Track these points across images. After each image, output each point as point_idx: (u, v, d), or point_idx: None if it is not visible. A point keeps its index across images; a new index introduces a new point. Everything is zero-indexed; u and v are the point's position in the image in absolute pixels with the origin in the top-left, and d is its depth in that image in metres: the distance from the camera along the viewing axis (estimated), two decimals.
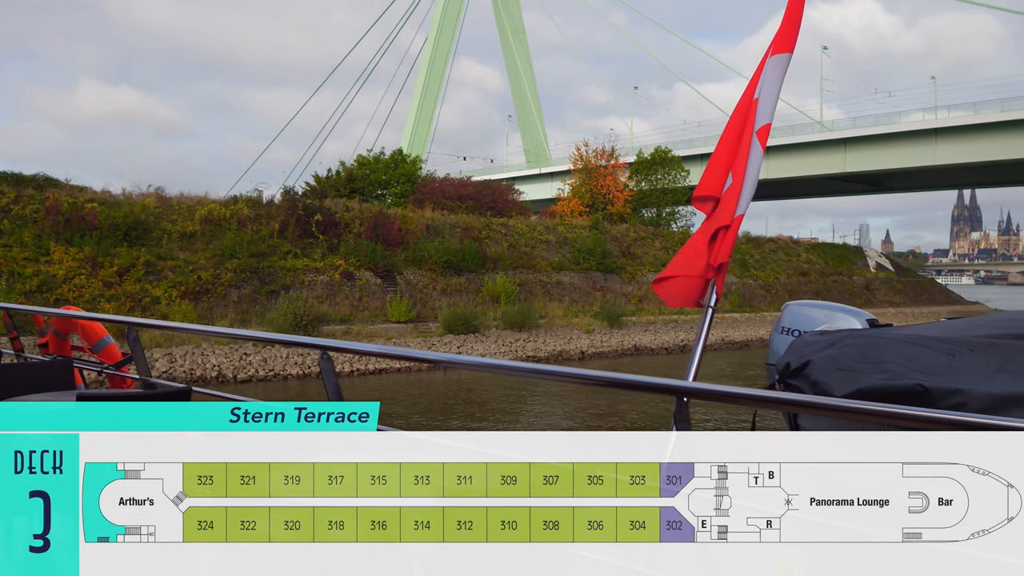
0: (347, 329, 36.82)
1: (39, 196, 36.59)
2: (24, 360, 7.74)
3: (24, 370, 5.32)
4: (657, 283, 4.31)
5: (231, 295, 36.48)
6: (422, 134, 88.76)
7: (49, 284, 33.40)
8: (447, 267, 42.78)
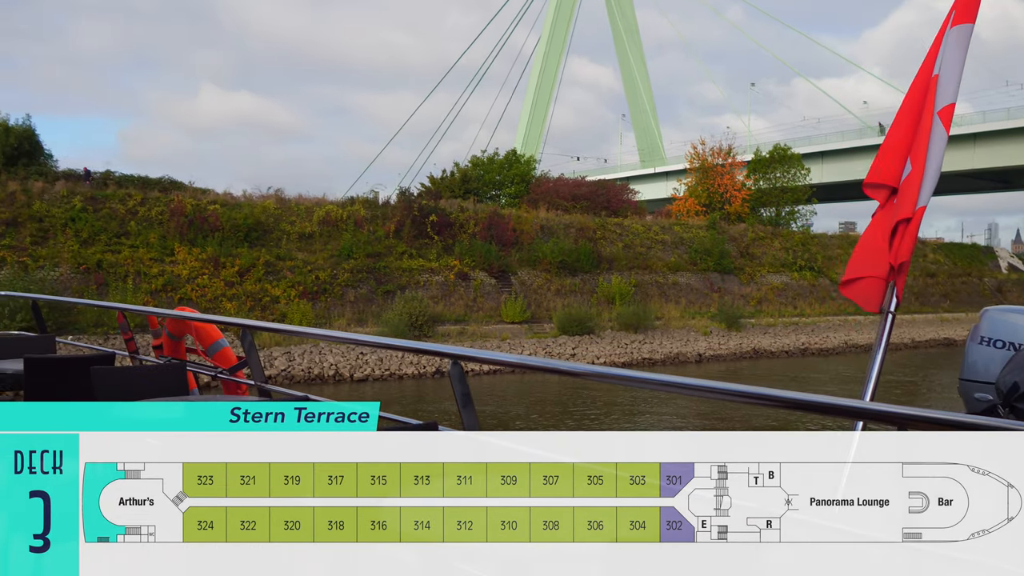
0: (462, 329, 36.79)
1: (164, 198, 37.56)
2: (139, 363, 7.60)
3: (137, 374, 5.13)
4: (844, 286, 3.83)
5: (348, 295, 36.82)
6: (535, 134, 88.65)
7: (173, 284, 34.21)
8: (562, 267, 42.43)
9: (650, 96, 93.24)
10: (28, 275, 32.25)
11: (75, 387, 5.58)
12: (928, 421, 2.65)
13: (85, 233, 34.86)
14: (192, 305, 33.24)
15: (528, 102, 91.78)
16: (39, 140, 43.82)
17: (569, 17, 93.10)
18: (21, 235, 34.17)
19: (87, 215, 35.49)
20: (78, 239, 34.60)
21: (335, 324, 34.73)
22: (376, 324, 35.02)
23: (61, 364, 5.91)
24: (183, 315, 7.81)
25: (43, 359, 5.84)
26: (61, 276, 33.14)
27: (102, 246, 34.69)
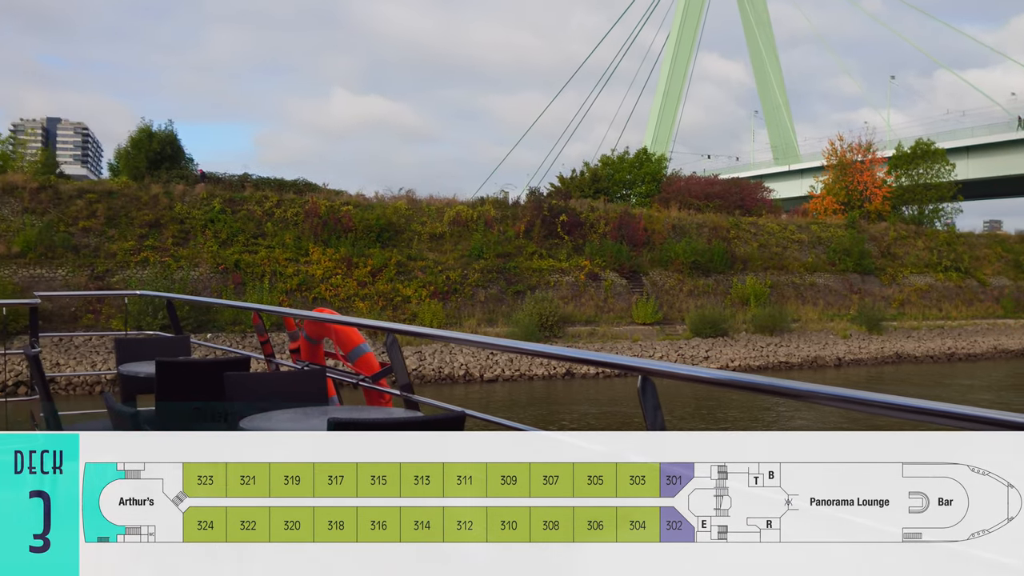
0: (592, 331, 36.30)
1: (299, 200, 38.17)
2: (275, 367, 7.29)
3: (274, 380, 4.80)
4: None
5: (478, 295, 36.72)
6: (665, 132, 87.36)
7: (308, 284, 34.70)
8: (694, 268, 41.47)
9: (783, 91, 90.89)
10: (169, 275, 33.15)
11: (208, 392, 5.33)
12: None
13: (224, 234, 35.66)
14: (326, 305, 33.62)
15: (657, 100, 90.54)
16: (180, 145, 45.14)
17: (699, 12, 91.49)
18: (163, 236, 35.16)
19: (226, 217, 36.30)
20: (217, 240, 35.40)
21: (465, 324, 34.67)
22: (506, 324, 34.82)
23: (193, 368, 5.68)
24: (322, 317, 7.35)
25: (175, 363, 5.60)
26: (201, 276, 33.97)
27: (240, 247, 35.43)
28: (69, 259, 33.30)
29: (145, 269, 33.58)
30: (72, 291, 32.24)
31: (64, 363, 28.26)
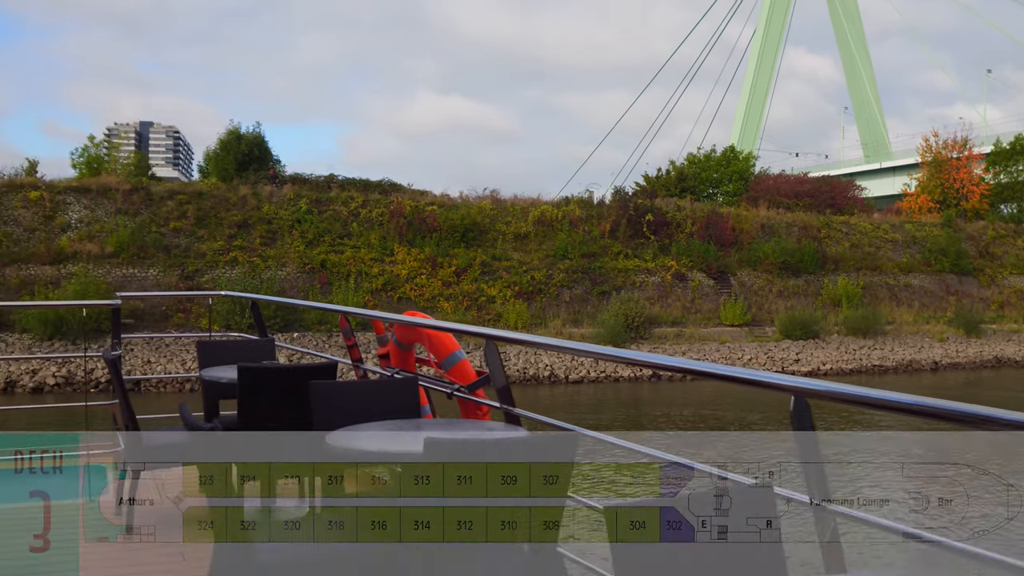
0: (679, 332, 35.68)
1: (384, 200, 38.28)
2: (363, 374, 6.88)
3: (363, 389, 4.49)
4: None
5: (563, 295, 36.38)
6: (751, 130, 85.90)
7: (393, 284, 34.75)
8: (784, 268, 40.49)
9: (874, 87, 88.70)
10: (257, 274, 33.47)
11: (291, 399, 5.05)
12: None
13: (310, 234, 35.92)
14: (410, 305, 33.61)
15: (744, 97, 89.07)
16: (268, 147, 45.67)
17: (786, 7, 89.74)
18: (251, 236, 35.53)
19: (312, 217, 36.55)
20: (303, 240, 35.66)
21: (550, 325, 34.34)
22: (591, 325, 34.41)
23: (277, 375, 5.40)
24: (415, 321, 6.76)
25: (258, 369, 5.33)
26: (288, 275, 34.24)
27: (326, 247, 35.64)
28: (160, 259, 33.83)
29: (234, 269, 33.97)
30: (162, 291, 32.74)
31: (155, 361, 28.68)
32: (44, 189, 36.06)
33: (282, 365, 5.49)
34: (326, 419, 4.06)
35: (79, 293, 30.40)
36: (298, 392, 4.90)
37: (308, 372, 5.25)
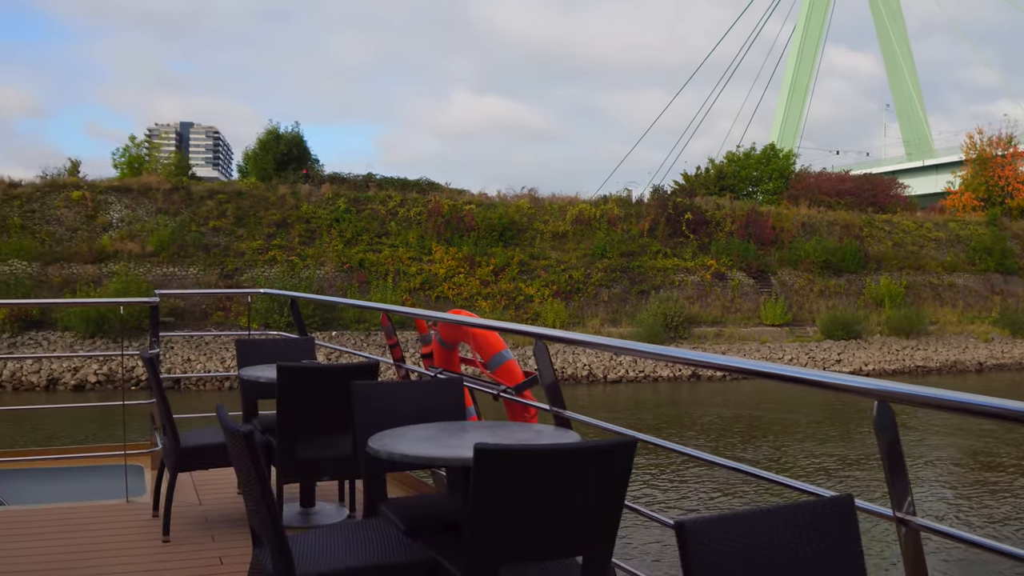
0: (719, 331, 35.33)
1: (422, 199, 38.25)
2: (405, 374, 6.68)
3: (406, 391, 4.31)
4: None
5: (601, 295, 36.15)
6: (791, 128, 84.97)
7: (431, 282, 34.70)
8: (825, 267, 39.98)
9: (916, 83, 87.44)
10: (296, 273, 33.56)
11: (332, 400, 4.95)
12: None
13: (348, 233, 35.97)
14: (448, 304, 33.54)
15: (783, 94, 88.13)
16: (306, 146, 45.78)
17: (826, 3, 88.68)
18: (290, 235, 35.63)
19: (350, 216, 36.60)
20: (342, 239, 35.72)
21: (588, 324, 34.12)
22: (630, 324, 34.15)
23: (317, 374, 5.23)
24: (459, 319, 6.41)
25: (297, 368, 5.16)
26: (326, 274, 34.30)
27: (364, 246, 35.67)
28: (200, 258, 34.02)
29: (272, 268, 34.08)
30: (201, 289, 32.90)
31: (195, 359, 28.80)
32: (86, 189, 36.38)
33: (322, 365, 5.33)
34: (368, 421, 3.93)
35: (120, 292, 30.61)
36: (339, 392, 4.78)
37: (349, 372, 5.10)
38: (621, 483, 2.91)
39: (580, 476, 2.82)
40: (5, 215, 34.77)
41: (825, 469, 17.26)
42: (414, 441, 3.50)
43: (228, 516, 5.58)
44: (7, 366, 27.72)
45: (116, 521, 5.48)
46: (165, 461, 5.29)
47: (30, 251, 33.27)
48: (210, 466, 5.35)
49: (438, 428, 3.82)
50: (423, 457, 3.36)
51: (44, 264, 33.00)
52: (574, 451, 2.86)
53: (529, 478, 2.83)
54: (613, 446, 2.88)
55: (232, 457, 3.10)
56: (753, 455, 18.73)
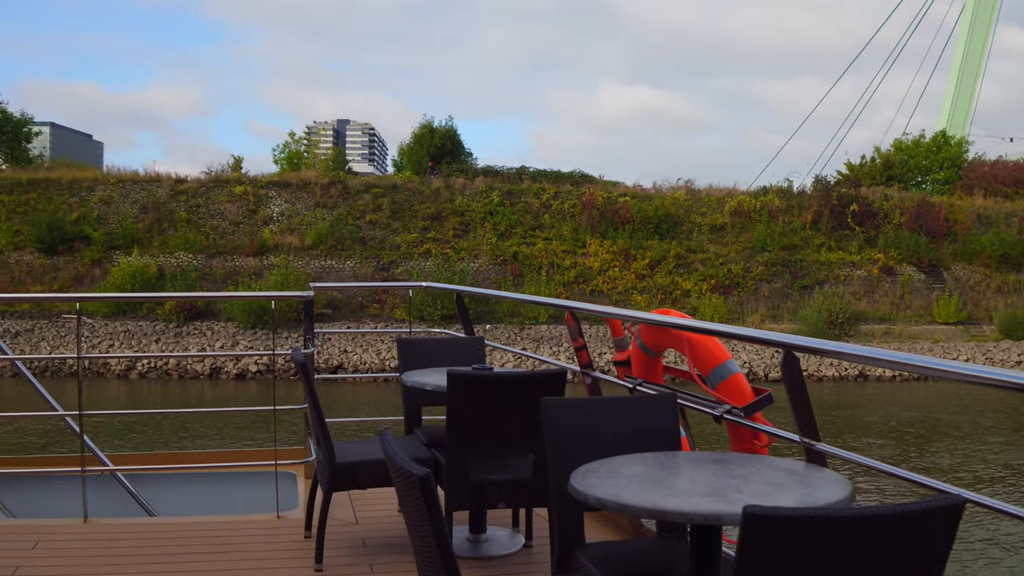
0: (887, 329, 33.56)
1: (576, 192, 37.74)
2: (593, 384, 5.50)
3: (609, 410, 3.45)
4: None
5: (761, 289, 34.85)
6: (960, 114, 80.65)
7: (585, 276, 34.14)
8: (1003, 262, 37.48)
9: None
10: (450, 266, 33.52)
11: (513, 414, 4.31)
12: None
13: (502, 226, 35.75)
14: (602, 298, 32.89)
15: (952, 79, 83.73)
16: (460, 140, 45.91)
17: None
18: (444, 228, 35.66)
19: (504, 209, 36.38)
20: (496, 232, 35.52)
21: (748, 320, 32.91)
22: (792, 321, 32.79)
23: (496, 384, 4.40)
24: (670, 321, 5.11)
25: (474, 377, 4.42)
26: (480, 267, 34.15)
27: (518, 239, 35.38)
28: (356, 251, 34.38)
29: (427, 261, 34.15)
30: (358, 282, 33.22)
31: (351, 351, 29.02)
32: (248, 184, 37.31)
33: (502, 373, 4.51)
34: (561, 445, 3.21)
35: (279, 284, 31.19)
36: (520, 405, 4.17)
37: (534, 383, 4.39)
38: (940, 557, 2.19)
39: (885, 551, 2.06)
40: (172, 210, 35.97)
41: None
42: (632, 484, 2.74)
43: (388, 539, 5.00)
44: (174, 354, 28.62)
45: (266, 539, 5.02)
46: (318, 477, 4.76)
47: (195, 244, 34.31)
48: (368, 486, 4.75)
49: (654, 463, 3.02)
50: (652, 510, 2.59)
51: (208, 256, 33.96)
52: (887, 518, 2.06)
53: (818, 553, 2.05)
54: (934, 509, 2.09)
55: (401, 497, 2.52)
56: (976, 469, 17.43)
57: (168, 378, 27.41)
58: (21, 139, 48.19)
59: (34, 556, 4.57)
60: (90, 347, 28.86)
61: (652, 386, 5.32)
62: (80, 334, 5.44)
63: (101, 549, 4.81)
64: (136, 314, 31.18)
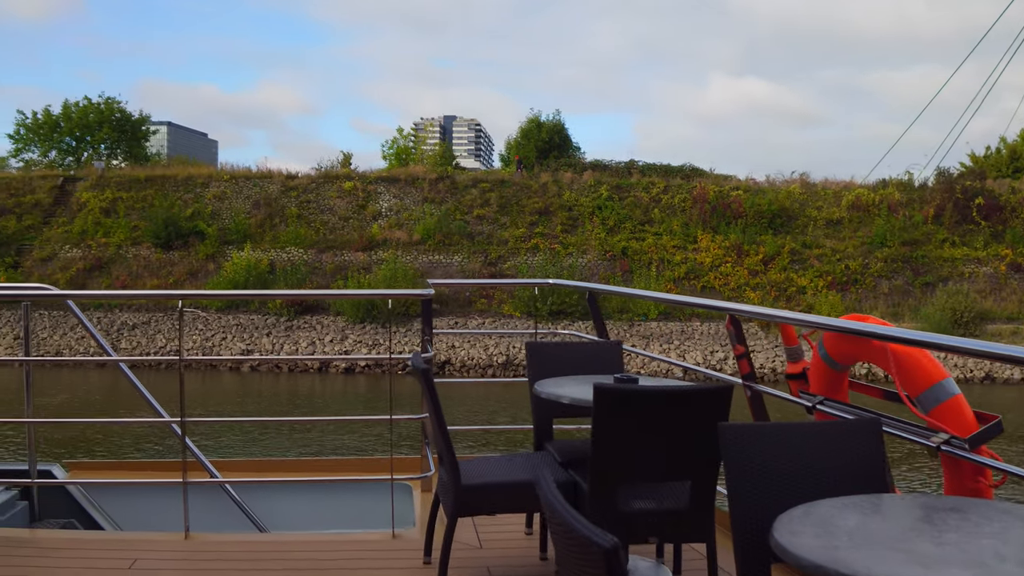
0: (1015, 329, 31.92)
1: (687, 186, 36.96)
2: (754, 398, 4.62)
3: (799, 436, 2.72)
4: None
5: (881, 286, 33.56)
6: None
7: (696, 272, 33.39)
8: None
9: None
10: (558, 261, 33.14)
11: (672, 436, 3.67)
12: None
13: (611, 221, 35.24)
14: (714, 294, 32.09)
15: None
16: (568, 134, 45.51)
17: None
18: (552, 223, 35.30)
19: (613, 204, 35.86)
20: (604, 227, 35.02)
21: None
22: (913, 319, 31.44)
23: (654, 401, 3.67)
24: (861, 329, 4.18)
25: (628, 393, 3.70)
26: (588, 262, 33.68)
27: (627, 233, 34.82)
28: (464, 246, 34.26)
29: (535, 256, 33.84)
30: (466, 278, 33.06)
31: (458, 345, 28.88)
32: (357, 180, 37.56)
33: (657, 387, 3.75)
34: (745, 480, 2.66)
35: (388, 279, 31.26)
36: (680, 425, 3.63)
37: (697, 399, 3.69)
38: None
39: None
40: (283, 205, 36.43)
41: None
42: (857, 545, 2.02)
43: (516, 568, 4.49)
44: (284, 349, 28.88)
45: (382, 562, 4.59)
46: (441, 498, 4.24)
47: (306, 239, 34.67)
48: (498, 511, 4.24)
49: (871, 510, 2.29)
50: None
51: (318, 251, 34.28)
52: None
53: None
54: None
55: (567, 561, 2.06)
56: None
57: (278, 371, 27.70)
58: (139, 138, 49.60)
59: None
60: (203, 339, 29.35)
61: (837, 405, 4.50)
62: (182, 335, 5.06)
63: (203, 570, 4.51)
64: (248, 308, 31.63)
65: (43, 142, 47.94)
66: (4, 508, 5.48)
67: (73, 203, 37.27)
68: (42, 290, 5.53)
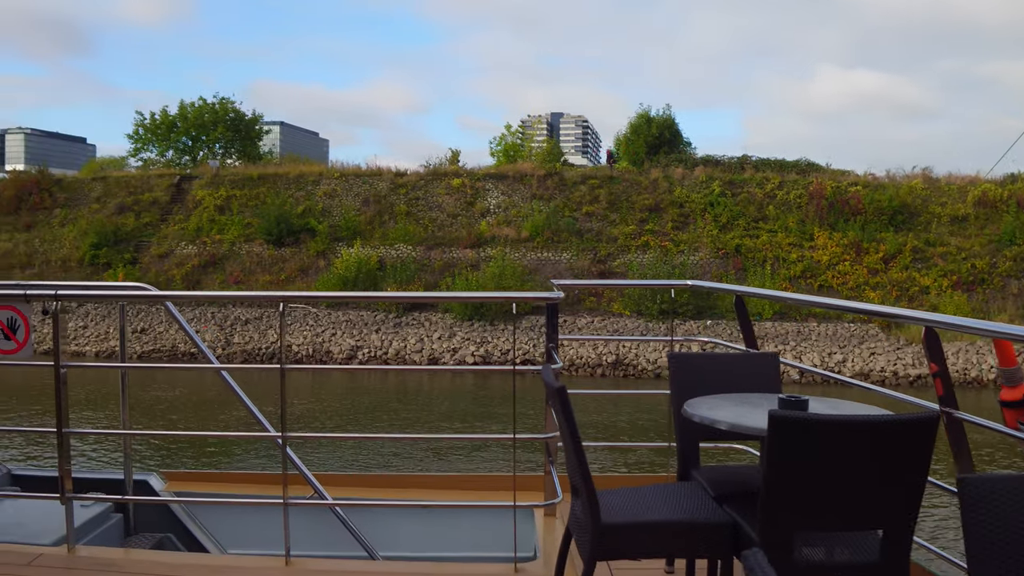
0: None
1: (802, 181, 35.87)
2: (949, 424, 3.68)
3: None
4: None
5: (1010, 286, 31.96)
6: None
7: (812, 270, 32.35)
8: None
9: None
10: (670, 259, 32.47)
11: (867, 471, 3.06)
12: None
13: (724, 218, 34.40)
14: (832, 293, 31.02)
15: None
16: (678, 129, 44.67)
17: None
18: (663, 220, 34.64)
19: (725, 200, 35.01)
20: (716, 223, 34.21)
21: (996, 319, 30.21)
22: None
23: (842, 432, 3.03)
24: None
25: (812, 422, 3.04)
26: (700, 260, 32.90)
27: (740, 231, 33.92)
28: (573, 243, 33.85)
29: (645, 253, 33.24)
30: (575, 276, 32.58)
31: (567, 344, 28.43)
32: (465, 177, 37.49)
33: (851, 418, 3.05)
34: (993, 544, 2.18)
35: (496, 276, 31.06)
36: (873, 462, 3.04)
37: (895, 431, 3.01)
38: None
39: None
40: (392, 202, 36.57)
41: None
42: None
43: None
44: (392, 344, 28.91)
45: None
46: (574, 534, 3.69)
47: (415, 236, 34.72)
48: (643, 556, 3.64)
49: None
50: None
51: (427, 248, 34.29)
52: None
53: None
54: None
55: None
56: None
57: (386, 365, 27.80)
58: (252, 137, 50.55)
59: None
60: (313, 335, 29.56)
61: None
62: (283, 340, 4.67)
63: None
64: (357, 305, 31.85)
65: (160, 142, 49.29)
66: (98, 521, 5.20)
67: (189, 201, 38.11)
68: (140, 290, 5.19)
